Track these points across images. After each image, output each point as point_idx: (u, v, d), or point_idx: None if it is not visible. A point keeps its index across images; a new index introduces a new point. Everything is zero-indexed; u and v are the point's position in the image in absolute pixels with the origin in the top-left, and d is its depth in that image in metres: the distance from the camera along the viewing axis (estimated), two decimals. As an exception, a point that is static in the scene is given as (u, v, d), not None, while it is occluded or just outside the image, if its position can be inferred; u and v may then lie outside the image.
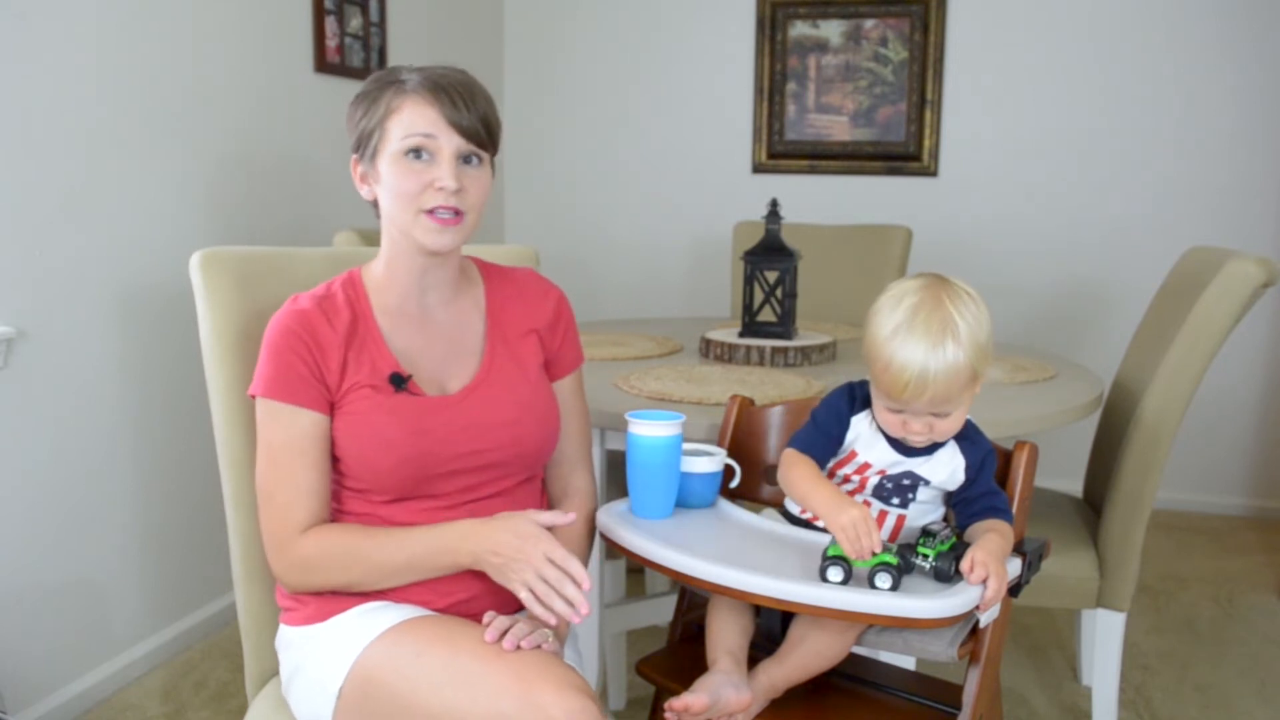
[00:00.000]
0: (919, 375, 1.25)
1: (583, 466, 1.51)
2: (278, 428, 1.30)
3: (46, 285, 2.13)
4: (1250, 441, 3.68)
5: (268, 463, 1.31)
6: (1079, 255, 3.70)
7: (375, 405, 1.30)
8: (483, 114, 1.30)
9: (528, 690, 1.14)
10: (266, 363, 1.31)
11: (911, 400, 1.28)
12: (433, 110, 1.27)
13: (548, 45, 4.08)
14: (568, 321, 1.49)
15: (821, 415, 1.41)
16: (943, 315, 1.27)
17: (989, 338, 1.30)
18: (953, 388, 1.27)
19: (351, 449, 1.31)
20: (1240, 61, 3.48)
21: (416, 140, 1.27)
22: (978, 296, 1.32)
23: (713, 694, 1.29)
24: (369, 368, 1.32)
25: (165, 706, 2.28)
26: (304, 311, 1.32)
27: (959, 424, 1.33)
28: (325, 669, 1.27)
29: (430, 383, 1.36)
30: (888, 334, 1.28)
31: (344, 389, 1.31)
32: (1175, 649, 2.64)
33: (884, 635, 1.37)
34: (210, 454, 1.64)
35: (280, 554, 1.31)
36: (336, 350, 1.31)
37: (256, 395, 1.31)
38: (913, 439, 1.33)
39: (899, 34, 3.73)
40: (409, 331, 1.37)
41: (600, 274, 4.08)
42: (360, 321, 1.34)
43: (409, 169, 1.28)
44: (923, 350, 1.25)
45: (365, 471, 1.31)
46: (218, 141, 2.58)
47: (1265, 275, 1.89)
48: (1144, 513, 1.99)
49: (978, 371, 1.29)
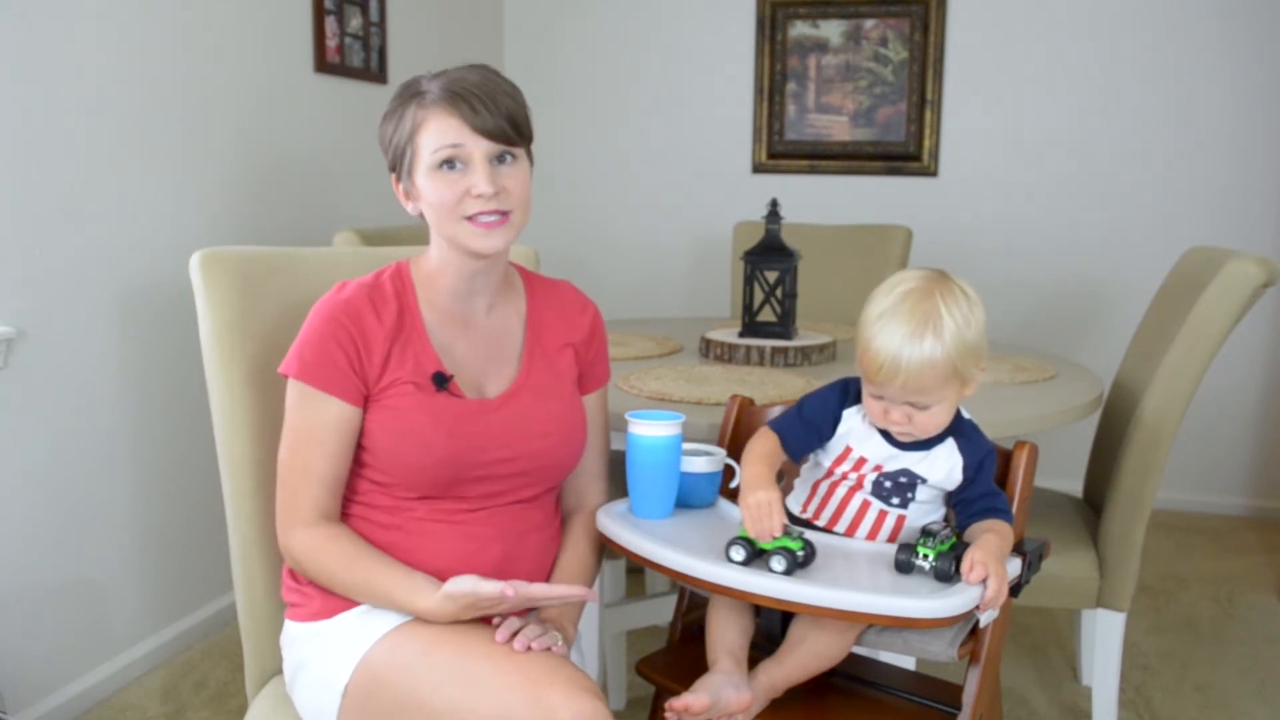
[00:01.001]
0: (892, 360, 1.27)
1: (599, 481, 1.52)
2: (305, 412, 1.30)
3: (46, 285, 2.13)
4: (1250, 441, 3.68)
5: (289, 445, 1.31)
6: (1079, 255, 3.70)
7: (416, 404, 1.30)
8: (507, 112, 1.29)
9: (535, 691, 1.14)
10: (306, 344, 1.30)
11: (886, 385, 1.29)
12: (455, 119, 1.27)
13: (548, 45, 4.08)
14: (601, 338, 1.51)
15: (808, 404, 1.42)
16: (929, 307, 1.28)
17: (978, 339, 1.30)
18: (926, 379, 1.27)
19: (386, 444, 1.31)
20: (1240, 61, 3.48)
21: (446, 152, 1.28)
22: (975, 298, 1.32)
23: (713, 694, 1.29)
24: (413, 363, 1.32)
25: (165, 706, 2.28)
26: (352, 300, 1.31)
27: (939, 420, 1.33)
28: (330, 666, 1.27)
29: (470, 385, 1.36)
30: (874, 317, 1.30)
31: (384, 383, 1.31)
32: (1175, 649, 2.64)
33: (884, 635, 1.37)
34: (210, 454, 1.64)
35: (282, 534, 1.33)
36: (381, 344, 1.31)
37: (289, 375, 1.31)
38: (893, 429, 1.34)
39: (899, 34, 3.73)
40: (452, 331, 1.37)
41: (600, 274, 4.08)
42: (407, 315, 1.34)
43: (444, 181, 1.28)
44: (900, 337, 1.27)
45: (398, 468, 1.31)
46: (218, 141, 2.58)
47: (1265, 275, 1.89)
48: (1144, 513, 1.99)
49: (959, 370, 1.29)
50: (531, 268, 1.63)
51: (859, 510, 1.38)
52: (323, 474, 1.30)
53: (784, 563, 1.24)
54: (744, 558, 1.26)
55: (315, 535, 1.30)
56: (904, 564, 1.26)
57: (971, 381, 1.32)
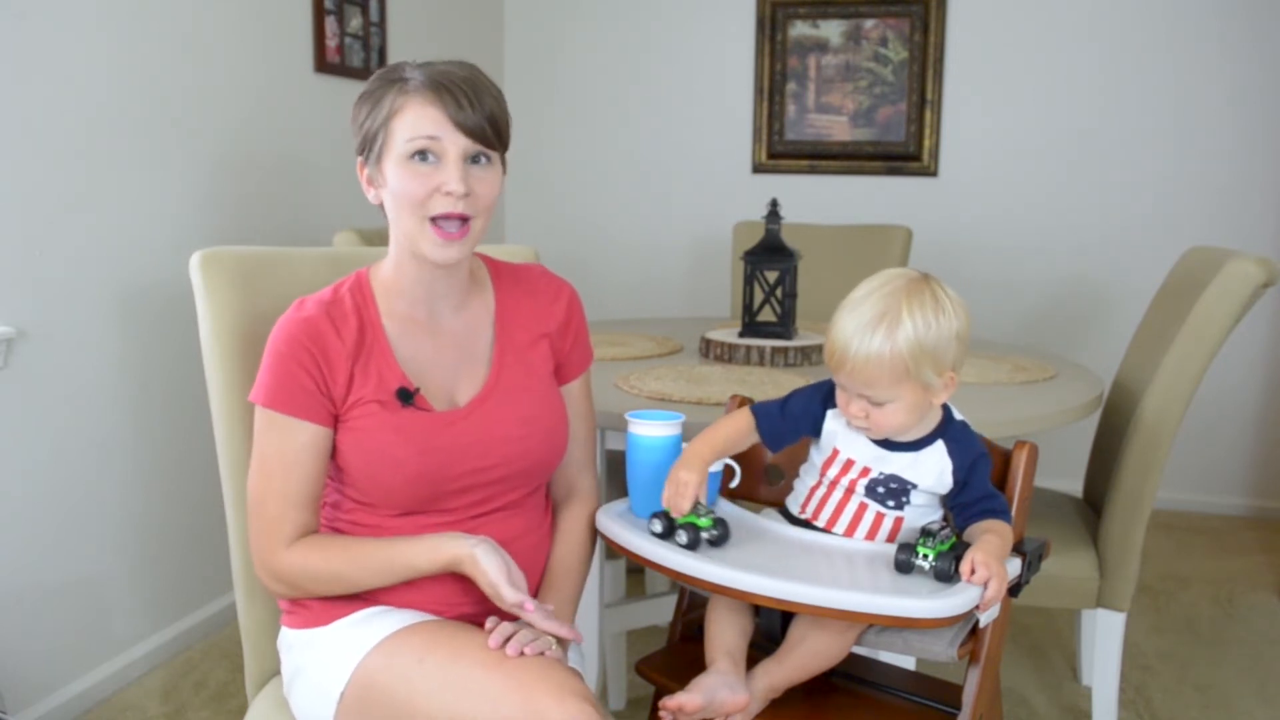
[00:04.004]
0: (842, 347, 1.29)
1: (588, 469, 1.50)
2: (275, 437, 1.27)
3: (46, 285, 2.13)
4: (1250, 441, 3.68)
5: (261, 472, 1.28)
6: (1079, 255, 3.70)
7: (381, 423, 1.28)
8: (489, 111, 1.25)
9: (528, 697, 1.14)
10: (269, 371, 1.27)
11: (837, 371, 1.32)
12: (436, 110, 1.23)
13: (548, 45, 4.08)
14: (579, 323, 1.46)
15: (793, 401, 1.42)
16: (892, 304, 1.28)
17: (940, 346, 1.28)
18: (872, 373, 1.28)
19: (358, 464, 1.29)
20: (1240, 61, 3.48)
21: (421, 143, 1.23)
22: (951, 308, 1.30)
23: (707, 694, 1.29)
24: (376, 381, 1.28)
25: (165, 706, 2.28)
26: (311, 320, 1.27)
27: (897, 420, 1.31)
28: (326, 673, 1.26)
29: (439, 393, 1.33)
30: (845, 303, 1.33)
31: (349, 403, 1.28)
32: (1175, 649, 2.64)
33: (884, 635, 1.37)
34: (210, 454, 1.64)
35: (264, 565, 1.29)
36: (344, 362, 1.27)
37: (256, 403, 1.28)
38: (853, 421, 1.35)
39: (899, 34, 3.73)
40: (418, 339, 1.33)
41: (600, 274, 4.08)
42: (368, 330, 1.30)
43: (414, 172, 1.24)
44: (853, 326, 1.29)
45: (373, 488, 1.29)
46: (218, 141, 2.58)
47: (1265, 275, 1.89)
48: (1144, 513, 1.99)
49: (911, 372, 1.27)
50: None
51: (856, 512, 1.38)
52: (301, 496, 1.27)
53: (686, 536, 1.31)
54: (661, 530, 1.33)
55: (298, 547, 1.27)
56: (904, 564, 1.26)
57: (933, 388, 1.30)
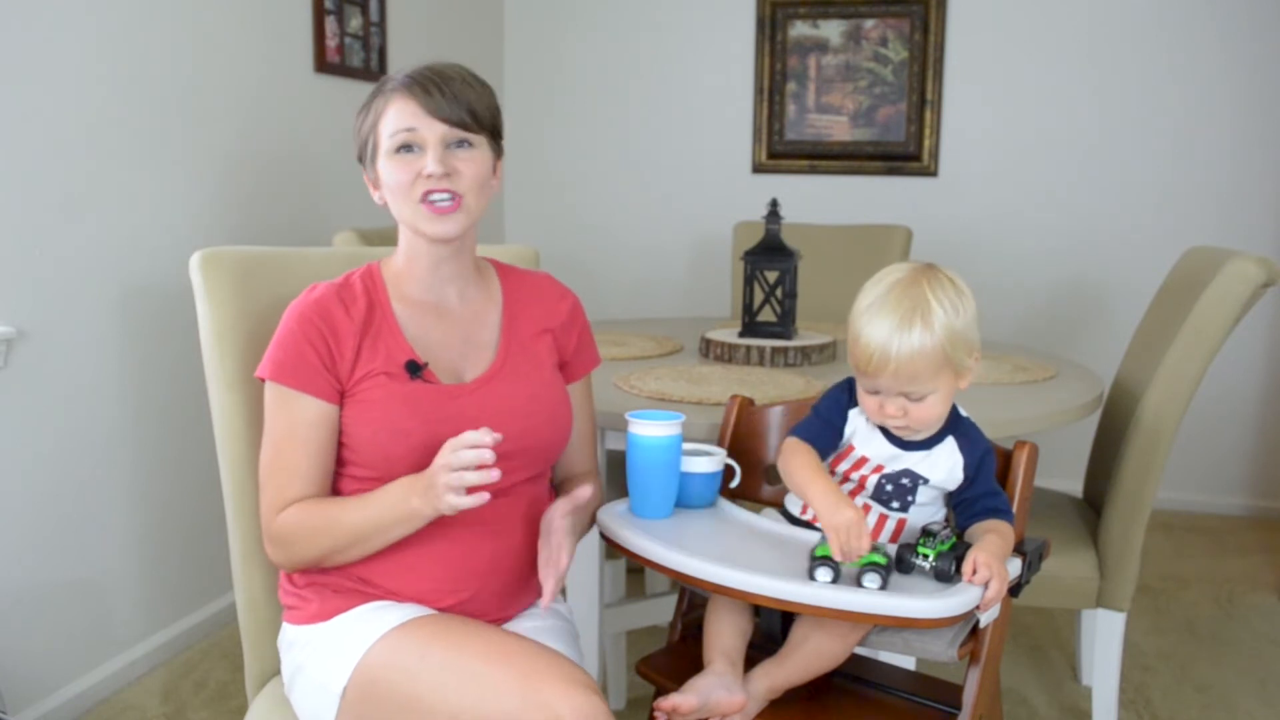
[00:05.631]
0: (881, 350, 1.28)
1: (590, 465, 1.53)
2: (283, 413, 1.31)
3: (46, 285, 2.13)
4: (1250, 441, 3.68)
5: (270, 447, 1.32)
6: (1079, 255, 3.70)
7: (390, 393, 1.31)
8: (465, 99, 1.31)
9: (533, 688, 1.14)
10: (278, 346, 1.32)
11: (877, 375, 1.30)
12: (412, 104, 1.30)
13: (548, 45, 4.08)
14: (582, 325, 1.51)
15: (823, 406, 1.42)
16: (916, 295, 1.29)
17: (968, 327, 1.31)
18: (918, 367, 1.28)
19: (364, 435, 1.31)
20: (1240, 61, 3.48)
21: (402, 136, 1.31)
22: (964, 288, 1.33)
23: (703, 695, 1.29)
24: (384, 355, 1.33)
25: (165, 706, 2.28)
26: (321, 299, 1.34)
27: (936, 412, 1.33)
28: (328, 669, 1.26)
29: (446, 372, 1.36)
30: (863, 309, 1.32)
31: (357, 377, 1.32)
32: (1175, 649, 2.64)
33: (884, 635, 1.37)
34: (210, 454, 1.64)
35: (265, 531, 1.33)
36: (351, 338, 1.32)
37: (265, 378, 1.32)
38: (891, 424, 1.34)
39: (899, 34, 3.73)
40: (426, 322, 1.38)
41: (600, 274, 4.08)
42: (377, 310, 1.36)
43: (399, 163, 1.31)
44: (888, 327, 1.28)
45: (377, 458, 1.31)
46: (218, 141, 2.58)
47: (1265, 275, 1.89)
48: (1144, 513, 1.99)
49: (950, 358, 1.29)
50: (533, 268, 1.63)
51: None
52: (308, 471, 1.30)
53: (878, 579, 1.21)
54: (831, 578, 1.21)
55: (293, 509, 1.29)
56: (904, 564, 1.26)
57: (965, 372, 1.32)
